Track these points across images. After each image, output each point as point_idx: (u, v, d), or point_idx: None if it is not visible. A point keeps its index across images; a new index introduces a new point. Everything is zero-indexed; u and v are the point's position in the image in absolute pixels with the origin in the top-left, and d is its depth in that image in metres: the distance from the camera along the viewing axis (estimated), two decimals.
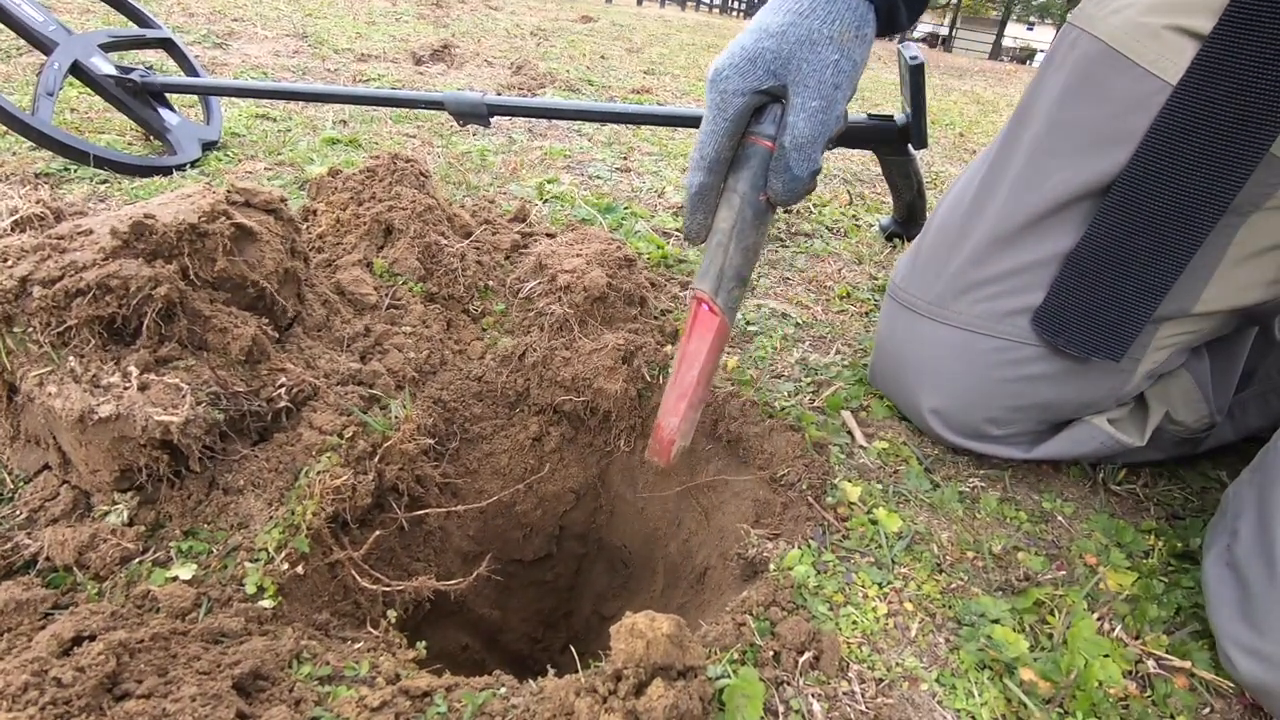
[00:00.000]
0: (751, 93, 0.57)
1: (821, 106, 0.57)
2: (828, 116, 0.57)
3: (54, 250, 0.59)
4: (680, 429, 0.66)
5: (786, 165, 0.59)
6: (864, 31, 0.57)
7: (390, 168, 1.01)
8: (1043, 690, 0.54)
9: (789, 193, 0.60)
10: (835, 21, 0.55)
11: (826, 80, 0.56)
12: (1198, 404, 0.75)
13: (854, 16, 0.56)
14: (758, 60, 0.57)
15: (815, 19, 0.55)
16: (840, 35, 0.56)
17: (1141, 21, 0.58)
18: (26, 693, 0.42)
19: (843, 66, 0.56)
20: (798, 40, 0.56)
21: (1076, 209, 0.64)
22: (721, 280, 0.64)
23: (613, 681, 0.46)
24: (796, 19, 0.56)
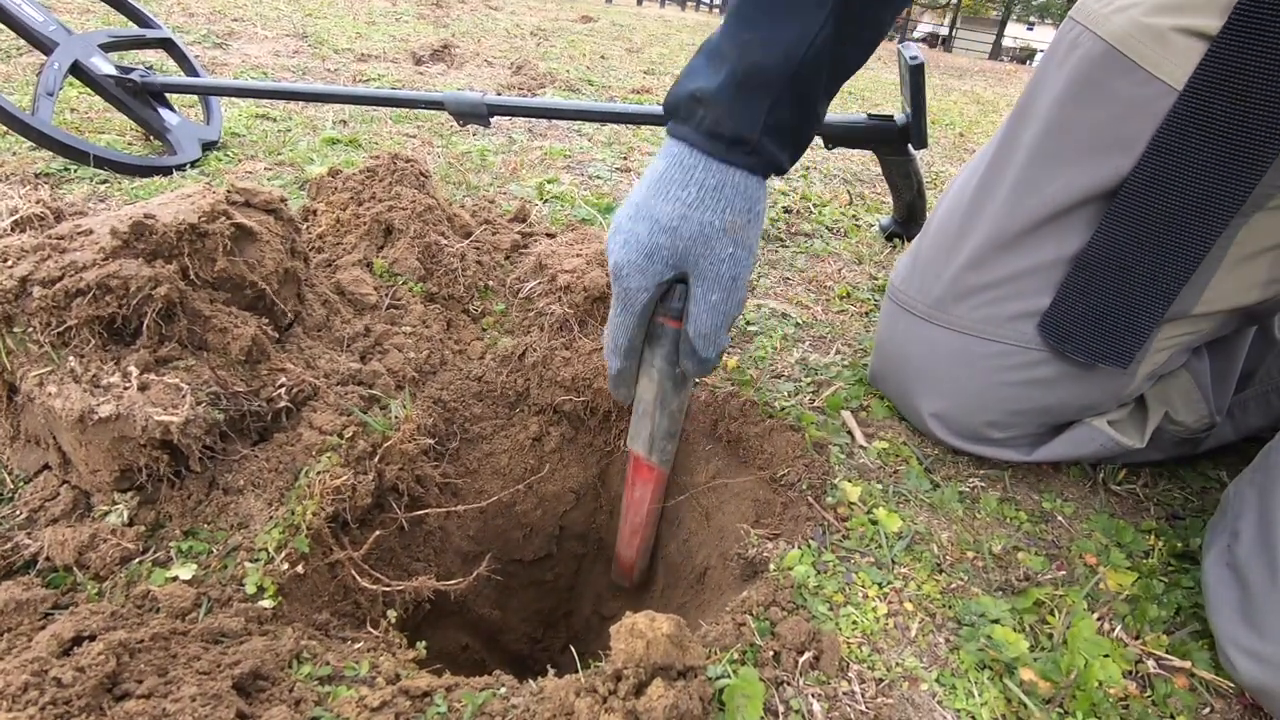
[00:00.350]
0: (653, 286, 0.58)
1: (722, 298, 0.58)
2: (729, 306, 0.59)
3: (54, 250, 0.59)
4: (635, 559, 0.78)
5: (694, 350, 0.61)
6: (755, 210, 0.57)
7: (390, 168, 1.01)
8: (1043, 690, 0.53)
9: (701, 372, 0.63)
10: (726, 211, 0.55)
11: (724, 274, 0.57)
12: (1197, 404, 0.75)
13: (744, 201, 0.55)
14: (654, 256, 0.57)
15: (706, 210, 0.55)
16: (732, 224, 0.55)
17: (1146, 23, 0.57)
18: (26, 693, 0.42)
19: (739, 256, 0.57)
20: (691, 237, 0.55)
21: (1077, 213, 0.64)
22: (653, 442, 0.71)
23: (613, 681, 0.46)
24: (687, 211, 0.55)
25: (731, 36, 0.53)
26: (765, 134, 0.53)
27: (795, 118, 0.55)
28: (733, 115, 0.53)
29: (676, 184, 0.55)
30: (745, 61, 0.52)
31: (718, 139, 0.54)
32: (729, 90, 0.53)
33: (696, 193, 0.55)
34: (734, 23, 0.53)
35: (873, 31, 0.56)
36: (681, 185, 0.55)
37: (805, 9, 0.51)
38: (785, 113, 0.53)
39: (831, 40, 0.52)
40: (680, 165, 0.56)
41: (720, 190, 0.55)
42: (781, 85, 0.52)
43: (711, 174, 0.55)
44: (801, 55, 0.51)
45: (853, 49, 0.55)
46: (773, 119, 0.53)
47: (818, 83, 0.54)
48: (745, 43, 0.52)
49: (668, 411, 0.69)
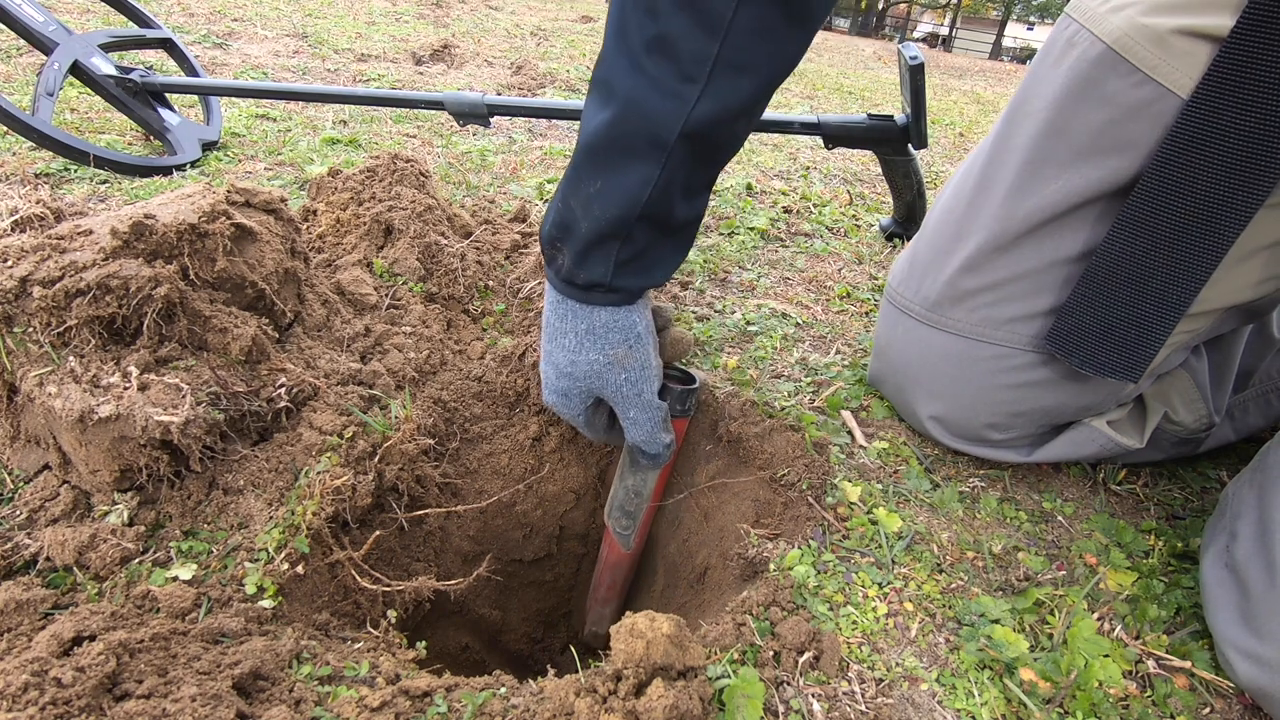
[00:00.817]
0: (582, 411, 0.67)
1: (639, 411, 0.65)
2: (649, 414, 0.65)
3: (54, 250, 0.59)
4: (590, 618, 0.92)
5: (641, 452, 0.70)
6: (633, 334, 0.62)
7: (390, 168, 1.01)
8: (1043, 690, 0.54)
9: (654, 465, 0.72)
10: (605, 347, 0.61)
11: (628, 394, 0.63)
12: (1196, 404, 0.75)
13: (618, 335, 0.61)
14: (569, 395, 0.65)
15: (588, 352, 0.61)
16: (615, 356, 0.61)
17: (1145, 23, 0.55)
18: (26, 693, 0.42)
19: (633, 377, 0.63)
20: (585, 375, 0.63)
21: (1075, 216, 0.63)
22: (610, 510, 0.79)
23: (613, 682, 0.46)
24: (575, 357, 0.62)
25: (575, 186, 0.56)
26: (618, 274, 0.58)
27: (651, 244, 0.58)
28: (584, 267, 0.58)
29: (559, 332, 0.62)
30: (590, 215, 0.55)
31: (574, 286, 0.59)
32: (577, 244, 0.57)
33: (575, 340, 0.61)
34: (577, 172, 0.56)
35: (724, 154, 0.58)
36: (562, 334, 0.62)
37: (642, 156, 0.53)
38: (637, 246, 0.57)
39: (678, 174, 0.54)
40: (557, 313, 0.62)
41: (592, 332, 0.61)
42: (628, 228, 0.55)
43: (580, 319, 0.61)
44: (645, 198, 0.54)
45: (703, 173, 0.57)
46: (624, 256, 0.57)
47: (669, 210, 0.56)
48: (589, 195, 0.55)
49: (624, 485, 0.75)
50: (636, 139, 0.52)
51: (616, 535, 0.80)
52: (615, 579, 0.87)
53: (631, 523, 0.78)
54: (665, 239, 0.59)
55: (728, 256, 1.24)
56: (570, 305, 0.60)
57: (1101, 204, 0.62)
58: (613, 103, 0.52)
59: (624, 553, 0.83)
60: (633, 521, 0.78)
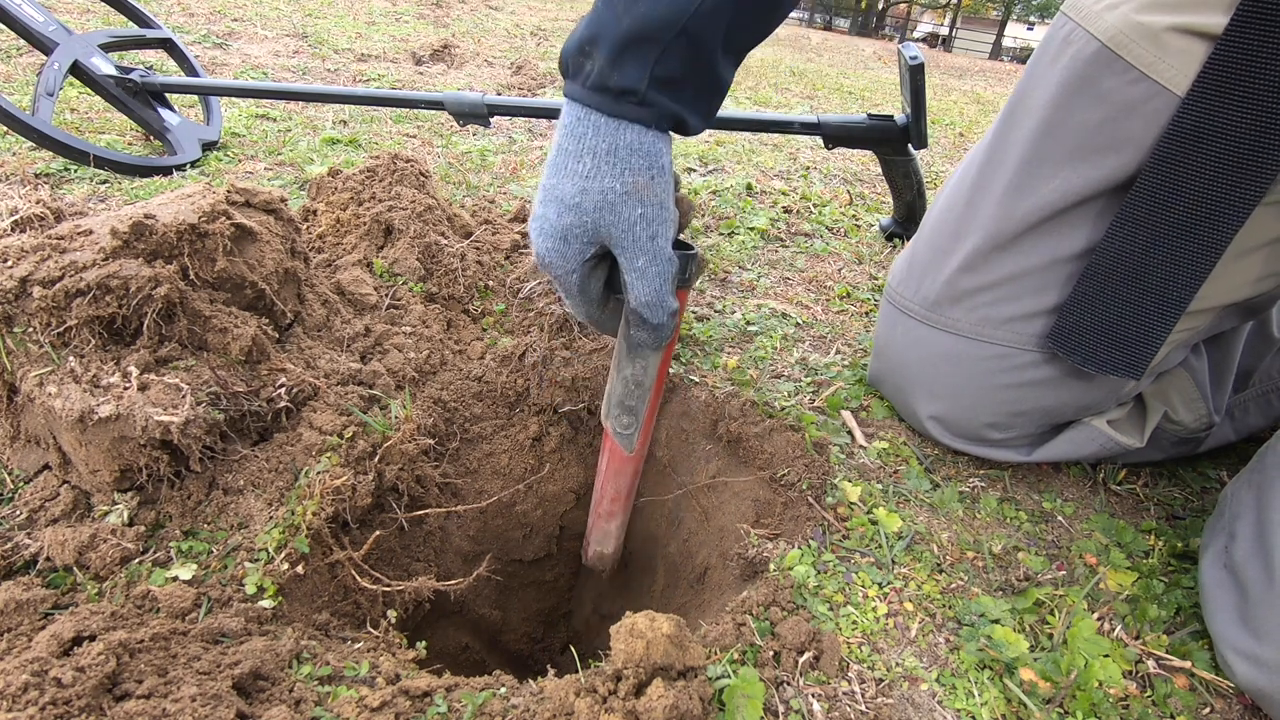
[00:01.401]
0: (580, 265, 0.57)
1: (649, 261, 0.56)
2: (660, 267, 0.57)
3: (54, 250, 0.59)
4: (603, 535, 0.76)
5: (642, 320, 0.60)
6: (658, 164, 0.54)
7: (390, 168, 1.01)
8: (1043, 690, 0.54)
9: (655, 340, 0.62)
10: (625, 173, 0.53)
11: (641, 236, 0.55)
12: (1196, 403, 0.75)
13: (642, 159, 0.53)
14: (568, 237, 0.55)
15: (604, 178, 0.53)
16: (635, 185, 0.53)
17: (1139, 21, 0.56)
18: (26, 693, 0.42)
19: (650, 215, 0.55)
20: (596, 208, 0.54)
21: (1073, 214, 0.63)
22: (608, 408, 0.69)
23: (613, 682, 0.46)
24: (586, 184, 0.53)
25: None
26: (653, 86, 0.51)
27: (689, 72, 0.52)
28: (617, 67, 0.51)
29: (572, 156, 0.54)
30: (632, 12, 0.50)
31: (604, 92, 0.52)
32: (614, 41, 0.50)
33: (591, 161, 0.53)
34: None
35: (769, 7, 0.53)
36: (576, 157, 0.53)
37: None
38: (675, 65, 0.51)
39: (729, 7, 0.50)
40: (573, 134, 0.54)
41: (614, 153, 0.53)
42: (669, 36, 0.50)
43: (603, 137, 0.53)
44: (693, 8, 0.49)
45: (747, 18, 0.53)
46: (661, 71, 0.51)
47: (713, 37, 0.51)
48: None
49: (622, 377, 0.67)
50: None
51: (617, 436, 0.70)
52: (619, 488, 0.77)
53: (633, 420, 0.69)
54: (699, 80, 0.54)
55: (728, 256, 1.24)
56: (593, 120, 0.53)
57: (1100, 202, 0.62)
58: None
59: (627, 456, 0.73)
60: (634, 418, 0.69)
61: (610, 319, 0.64)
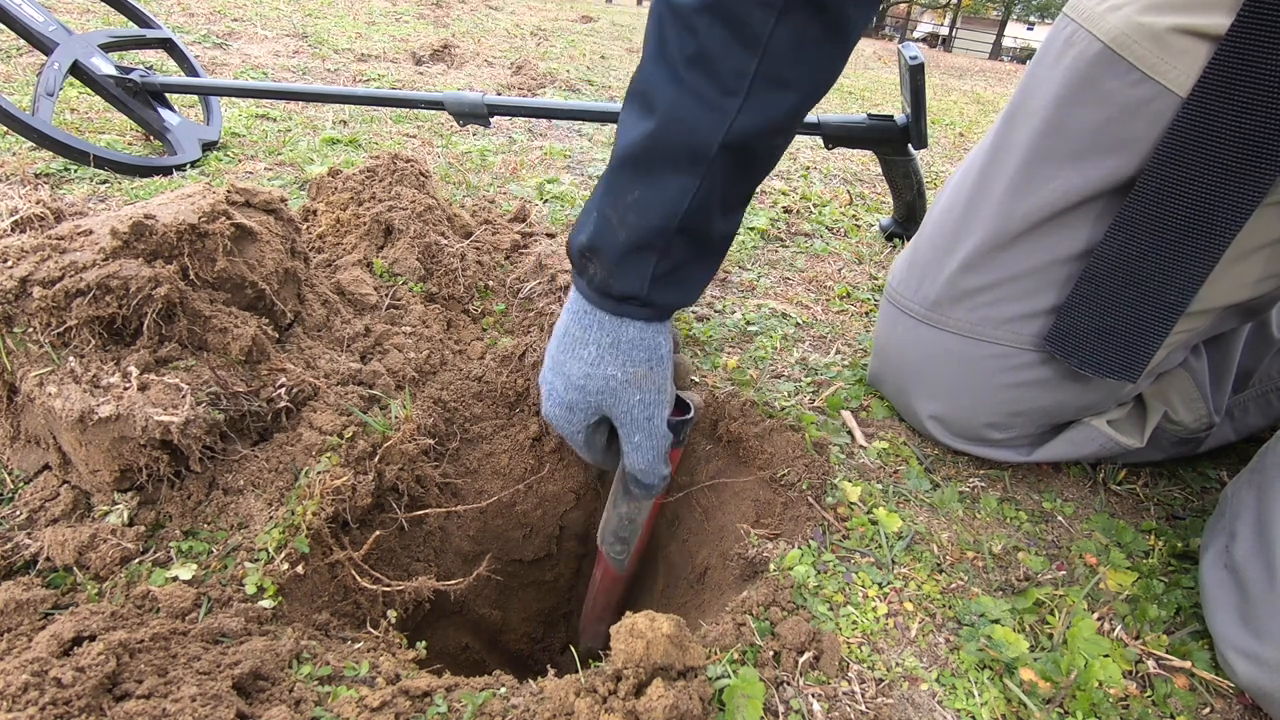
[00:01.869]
0: (584, 428, 0.63)
1: (644, 437, 0.62)
2: (654, 441, 0.63)
3: (54, 250, 0.59)
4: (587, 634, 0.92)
5: (637, 481, 0.67)
6: (656, 355, 0.59)
7: (390, 168, 1.01)
8: (1043, 690, 0.54)
9: (647, 496, 0.69)
10: (625, 364, 0.58)
11: (639, 417, 0.61)
12: (1196, 404, 0.75)
13: (642, 352, 0.58)
14: (573, 409, 0.61)
15: (607, 366, 0.58)
16: (634, 375, 0.59)
17: (1142, 22, 0.56)
18: (26, 693, 0.42)
19: (647, 400, 0.60)
20: (598, 391, 0.59)
21: (1074, 215, 0.63)
22: (603, 535, 0.77)
23: (613, 682, 0.46)
24: (590, 370, 0.58)
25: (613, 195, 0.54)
26: (654, 289, 0.56)
27: (688, 259, 0.56)
28: (619, 277, 0.55)
29: (579, 343, 0.59)
30: (627, 223, 0.53)
31: (608, 297, 0.57)
32: (613, 253, 0.54)
33: (596, 351, 0.58)
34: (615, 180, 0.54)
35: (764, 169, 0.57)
36: (582, 344, 0.59)
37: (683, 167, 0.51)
38: (674, 260, 0.55)
39: (717, 188, 0.53)
40: (580, 322, 0.59)
41: (617, 346, 0.58)
42: (666, 240, 0.54)
43: (607, 332, 0.58)
44: (684, 210, 0.52)
45: (742, 187, 0.56)
46: (661, 270, 0.55)
47: (707, 224, 0.55)
48: (626, 204, 0.53)
49: (617, 513, 0.73)
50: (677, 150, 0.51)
51: (610, 560, 0.79)
52: (610, 600, 0.87)
53: (625, 548, 0.77)
54: (701, 254, 0.58)
55: (728, 256, 1.24)
56: (598, 317, 0.58)
57: (1101, 203, 0.62)
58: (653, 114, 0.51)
59: (618, 575, 0.83)
60: (626, 547, 0.77)
61: (614, 460, 0.70)
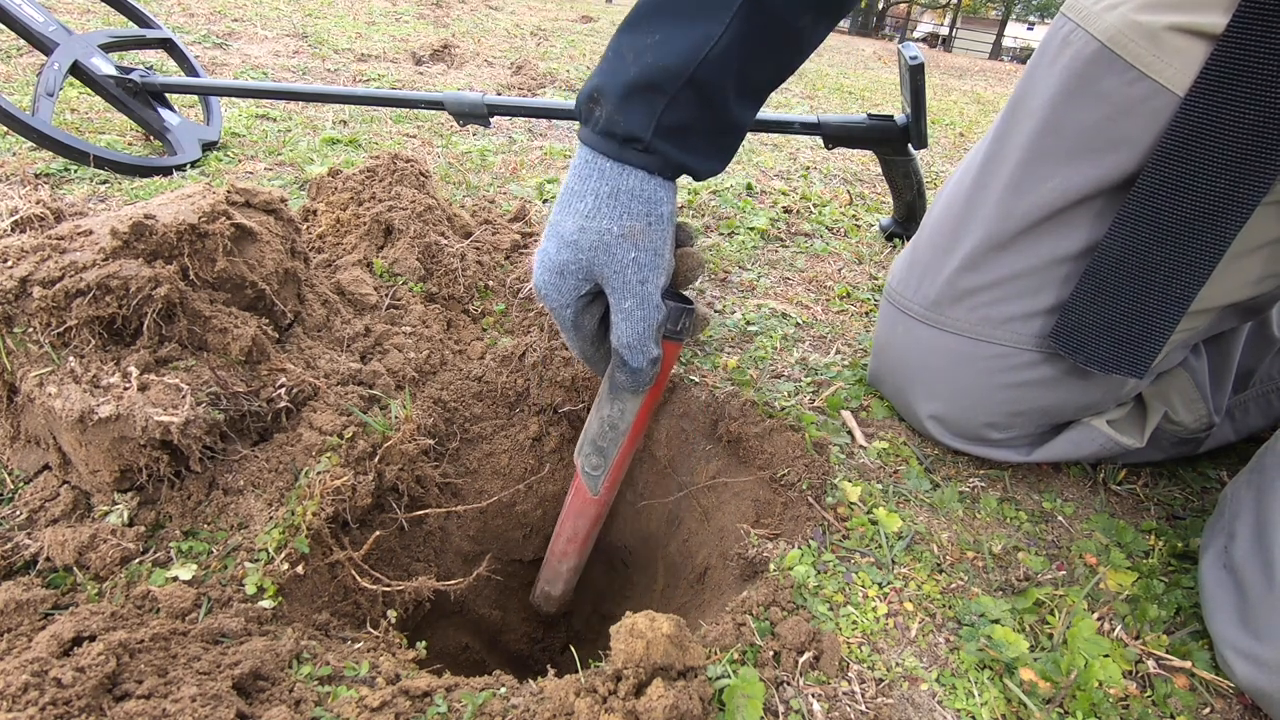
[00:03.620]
0: (574, 300, 0.59)
1: (636, 304, 0.58)
2: (645, 311, 0.58)
3: (54, 250, 0.59)
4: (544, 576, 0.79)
5: (623, 361, 0.61)
6: (657, 213, 0.56)
7: (390, 168, 1.01)
8: (1043, 690, 0.54)
9: (633, 383, 0.62)
10: (623, 216, 0.55)
11: (631, 279, 0.57)
12: (1196, 404, 0.75)
13: (641, 205, 0.55)
14: (564, 272, 0.57)
15: (602, 219, 0.55)
16: (631, 230, 0.55)
17: (1138, 20, 0.56)
18: (26, 693, 0.42)
19: (642, 260, 0.56)
20: (591, 247, 0.56)
21: (1073, 213, 0.63)
22: (581, 445, 0.70)
23: (613, 682, 0.46)
24: (585, 223, 0.55)
25: (631, 35, 0.53)
26: (658, 135, 0.53)
27: (698, 120, 0.54)
28: (624, 114, 0.53)
29: (576, 195, 0.56)
30: (641, 61, 0.51)
31: (611, 138, 0.54)
32: (622, 89, 0.52)
33: (593, 202, 0.55)
34: (635, 21, 0.52)
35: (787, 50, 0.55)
36: (580, 196, 0.56)
37: (708, 12, 0.50)
38: (683, 114, 0.53)
39: (737, 45, 0.51)
40: (579, 175, 0.56)
41: (615, 197, 0.55)
42: (677, 86, 0.51)
43: (606, 181, 0.55)
44: (701, 57, 0.50)
45: (763, 62, 0.54)
46: (668, 120, 0.53)
47: (724, 84, 0.53)
48: (644, 44, 0.52)
49: (599, 416, 0.68)
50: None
51: (584, 476, 0.70)
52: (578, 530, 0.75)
53: (603, 461, 0.69)
54: (710, 126, 0.55)
55: (728, 256, 1.24)
56: (599, 164, 0.55)
57: (1100, 201, 0.62)
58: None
59: (589, 498, 0.72)
60: (604, 460, 0.69)
61: (603, 359, 0.65)
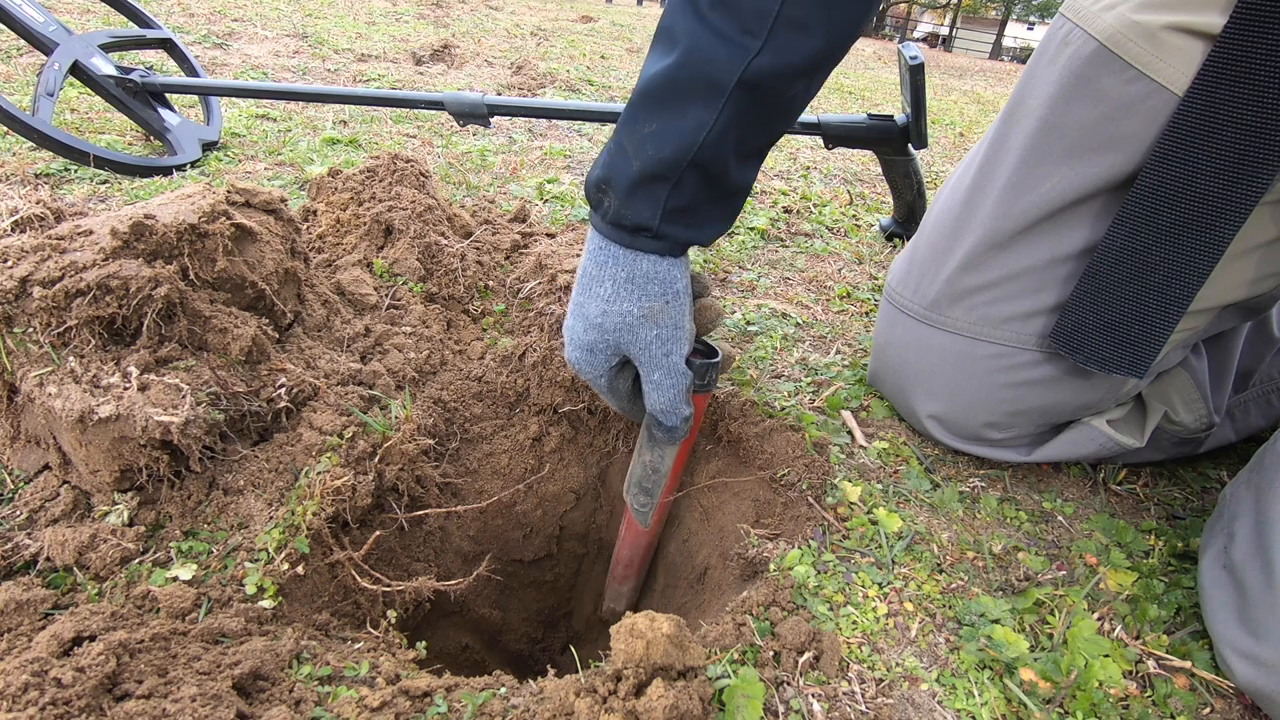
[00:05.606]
0: (606, 371, 0.63)
1: (663, 375, 0.62)
2: (673, 379, 0.62)
3: (54, 251, 0.59)
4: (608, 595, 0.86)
5: (658, 423, 0.66)
6: (672, 290, 0.59)
7: (390, 168, 1.01)
8: (1043, 690, 0.54)
9: (670, 439, 0.68)
10: (641, 299, 0.58)
11: (656, 354, 0.61)
12: (1196, 404, 0.75)
13: (657, 286, 0.58)
14: (594, 350, 0.61)
15: (623, 303, 0.58)
16: (650, 310, 0.59)
17: (1136, 20, 0.56)
18: (26, 693, 0.42)
19: (664, 335, 0.60)
20: (615, 328, 0.60)
21: (1072, 212, 0.63)
22: (628, 484, 0.75)
23: (613, 682, 0.46)
24: (608, 307, 0.59)
25: (630, 127, 0.55)
26: (665, 221, 0.56)
27: (702, 199, 0.56)
28: (631, 207, 0.56)
29: (595, 280, 0.59)
30: (642, 154, 0.54)
31: (621, 228, 0.57)
32: (626, 183, 0.55)
33: (612, 287, 0.58)
34: (633, 113, 0.54)
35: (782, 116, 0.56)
36: (599, 282, 0.59)
37: (700, 100, 0.52)
38: (686, 197, 0.55)
39: (733, 124, 0.53)
40: (596, 261, 0.59)
41: (632, 281, 0.58)
42: (678, 172, 0.54)
43: (622, 266, 0.58)
44: (699, 142, 0.52)
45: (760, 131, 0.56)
46: (673, 204, 0.55)
47: (723, 161, 0.55)
48: (642, 134, 0.54)
49: (641, 462, 0.72)
50: (695, 82, 0.51)
51: (634, 512, 0.76)
52: (633, 557, 0.84)
53: (649, 500, 0.74)
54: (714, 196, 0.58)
55: (728, 256, 1.24)
56: (613, 251, 0.58)
57: (1099, 201, 0.62)
58: (674, 49, 0.52)
59: (641, 530, 0.79)
60: (650, 499, 0.74)
61: (640, 411, 0.69)
